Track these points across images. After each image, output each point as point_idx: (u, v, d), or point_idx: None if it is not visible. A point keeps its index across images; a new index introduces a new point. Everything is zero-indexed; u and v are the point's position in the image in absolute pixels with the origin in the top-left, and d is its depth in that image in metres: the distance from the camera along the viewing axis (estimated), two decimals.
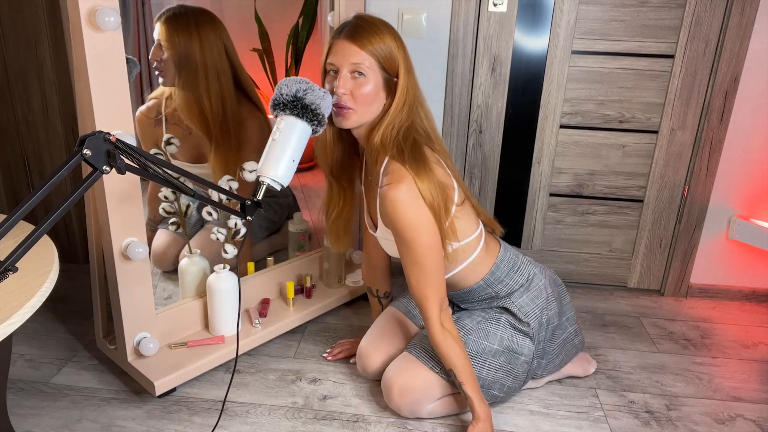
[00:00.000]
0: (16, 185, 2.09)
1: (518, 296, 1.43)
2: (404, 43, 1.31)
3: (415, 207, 1.23)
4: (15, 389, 1.50)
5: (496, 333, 1.41)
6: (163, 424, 1.40)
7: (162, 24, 1.61)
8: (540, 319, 1.43)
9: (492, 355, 1.40)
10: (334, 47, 1.28)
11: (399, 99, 1.29)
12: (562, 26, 1.88)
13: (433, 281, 1.29)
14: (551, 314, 1.46)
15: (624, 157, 2.01)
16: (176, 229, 1.61)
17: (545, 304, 1.45)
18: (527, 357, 1.42)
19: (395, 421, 1.44)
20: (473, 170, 2.08)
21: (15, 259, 0.79)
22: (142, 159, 0.97)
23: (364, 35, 1.26)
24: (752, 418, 1.50)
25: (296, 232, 1.92)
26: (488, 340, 1.40)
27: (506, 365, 1.41)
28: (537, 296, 1.44)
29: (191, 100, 1.64)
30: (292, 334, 1.79)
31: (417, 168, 1.24)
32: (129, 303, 1.41)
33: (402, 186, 1.22)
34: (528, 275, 1.46)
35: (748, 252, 2.04)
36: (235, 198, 1.24)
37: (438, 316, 1.30)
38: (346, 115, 1.27)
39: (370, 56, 1.25)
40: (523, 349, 1.41)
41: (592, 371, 1.64)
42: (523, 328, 1.42)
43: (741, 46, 1.81)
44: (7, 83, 1.94)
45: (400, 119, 1.29)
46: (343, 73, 1.26)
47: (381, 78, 1.27)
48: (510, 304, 1.43)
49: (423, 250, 1.26)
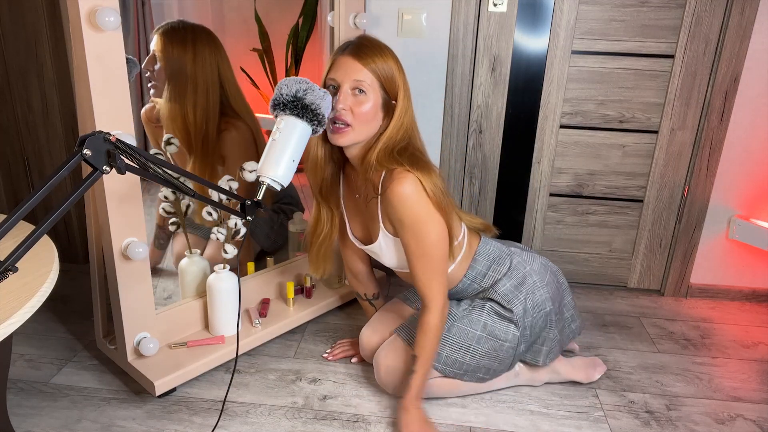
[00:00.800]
0: (16, 185, 2.09)
1: (501, 285, 1.47)
2: (402, 67, 1.33)
3: (423, 200, 1.26)
4: (15, 389, 1.50)
5: (479, 320, 1.44)
6: (163, 424, 1.40)
7: (159, 36, 1.63)
8: (524, 304, 1.45)
9: (476, 341, 1.43)
10: (337, 63, 1.28)
11: (397, 120, 1.30)
12: (562, 26, 1.88)
13: (441, 273, 1.33)
14: (540, 299, 1.47)
15: (624, 157, 2.01)
16: (176, 229, 1.61)
17: (531, 290, 1.47)
18: (512, 343, 1.44)
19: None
20: (473, 170, 2.08)
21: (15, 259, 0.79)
22: (142, 159, 0.97)
23: (368, 54, 1.26)
24: (752, 418, 1.50)
25: (296, 232, 1.92)
26: (472, 326, 1.44)
27: (492, 352, 1.44)
28: (521, 282, 1.47)
29: (176, 111, 1.65)
30: (292, 334, 1.79)
31: (419, 168, 1.26)
32: (129, 303, 1.41)
33: (407, 181, 1.24)
34: (509, 264, 1.49)
35: (748, 252, 2.04)
36: (235, 198, 1.24)
37: (442, 305, 1.35)
38: (342, 133, 1.27)
39: (372, 75, 1.26)
40: (507, 335, 1.44)
41: (596, 378, 1.61)
42: (507, 314, 1.44)
43: (741, 46, 1.81)
44: (7, 83, 1.94)
45: (396, 140, 1.30)
46: (344, 89, 1.26)
47: (380, 98, 1.28)
48: (493, 293, 1.46)
49: (432, 241, 1.29)
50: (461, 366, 1.44)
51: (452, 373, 1.45)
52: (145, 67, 1.65)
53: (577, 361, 1.62)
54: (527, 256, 1.53)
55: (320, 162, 1.40)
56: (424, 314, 1.35)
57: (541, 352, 1.51)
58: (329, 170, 1.43)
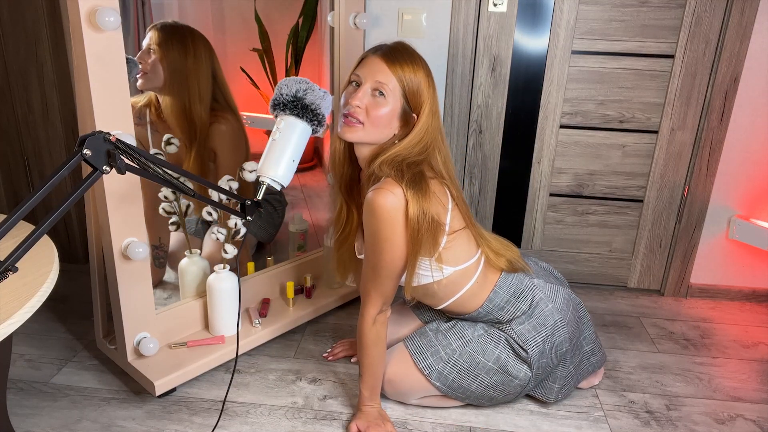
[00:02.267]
0: (16, 185, 2.09)
1: (519, 323, 1.39)
2: (435, 85, 1.29)
3: (394, 220, 1.20)
4: (15, 389, 1.50)
5: (493, 351, 1.38)
6: (163, 424, 1.40)
7: (156, 31, 1.65)
8: (542, 347, 1.37)
9: (485, 372, 1.38)
10: (365, 61, 1.26)
11: (415, 136, 1.25)
12: (562, 26, 1.88)
13: (381, 285, 1.29)
14: (559, 341, 1.40)
15: (624, 157, 2.01)
16: (176, 229, 1.61)
17: (551, 332, 1.39)
18: (522, 381, 1.39)
19: (395, 421, 1.44)
20: (473, 170, 2.08)
21: (15, 259, 0.79)
22: (142, 159, 0.97)
23: (399, 59, 1.24)
24: (752, 418, 1.50)
25: (296, 232, 1.92)
26: (484, 356, 1.38)
27: (499, 385, 1.40)
28: (541, 324, 1.38)
29: (178, 105, 1.68)
30: (292, 334, 1.79)
31: (414, 187, 1.20)
32: (129, 303, 1.41)
33: (389, 195, 1.18)
34: (532, 301, 1.40)
35: (748, 252, 2.04)
36: (235, 198, 1.24)
37: (373, 315, 1.32)
38: (352, 127, 1.24)
39: (396, 81, 1.23)
40: (519, 373, 1.38)
41: (596, 383, 1.60)
42: (522, 354, 1.37)
43: (741, 46, 1.81)
44: (7, 83, 1.94)
45: (410, 154, 1.25)
46: (364, 87, 1.23)
47: (400, 106, 1.25)
48: (510, 330, 1.39)
49: (384, 259, 1.25)
50: (465, 392, 1.40)
51: (455, 396, 1.42)
52: (138, 59, 1.66)
53: None
54: (550, 291, 1.42)
55: (339, 157, 1.37)
56: (359, 319, 1.35)
57: (553, 390, 1.46)
58: (348, 168, 1.39)
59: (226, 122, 1.74)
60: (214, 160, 1.76)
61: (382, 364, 1.39)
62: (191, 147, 1.72)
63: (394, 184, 1.20)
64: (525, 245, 2.16)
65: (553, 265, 2.16)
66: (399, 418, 1.45)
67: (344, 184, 1.41)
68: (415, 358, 1.40)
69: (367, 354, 1.35)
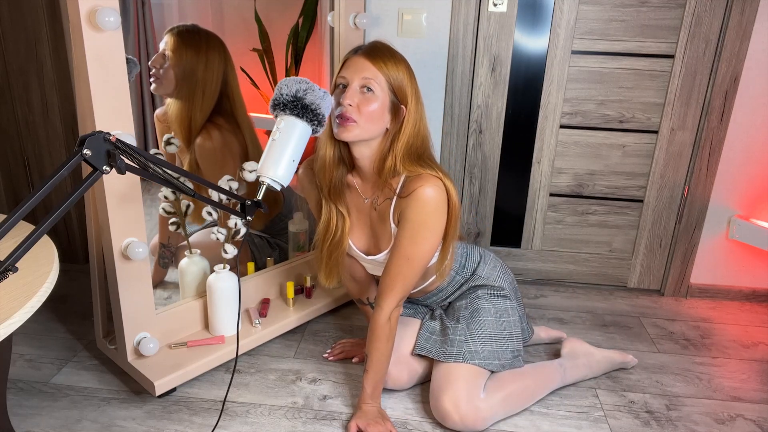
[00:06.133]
0: (16, 185, 2.09)
1: (480, 270, 1.54)
2: (415, 76, 1.34)
3: (441, 210, 1.29)
4: (15, 389, 1.50)
5: (485, 307, 1.49)
6: (163, 424, 1.40)
7: (173, 36, 1.65)
8: (508, 280, 1.56)
9: (493, 328, 1.47)
10: (348, 62, 1.30)
11: (413, 127, 1.31)
12: (562, 26, 1.88)
13: (412, 277, 1.35)
14: (511, 278, 1.59)
15: (624, 157, 2.01)
16: (176, 229, 1.61)
17: (504, 269, 1.58)
18: (513, 316, 1.51)
19: (395, 421, 1.44)
20: (473, 170, 2.08)
21: (15, 259, 0.79)
22: (142, 159, 0.97)
23: (381, 56, 1.28)
24: (752, 418, 1.50)
25: (296, 232, 1.92)
26: (482, 315, 1.47)
27: (508, 329, 1.49)
28: (494, 266, 1.56)
29: (183, 112, 1.69)
30: (292, 334, 1.79)
31: (449, 178, 1.31)
32: (129, 303, 1.41)
33: (437, 187, 1.28)
34: (479, 253, 1.57)
35: (748, 252, 2.04)
36: (235, 198, 1.24)
37: (391, 308, 1.36)
38: (348, 127, 1.27)
39: (382, 76, 1.27)
40: (508, 309, 1.51)
41: (631, 360, 1.67)
42: (499, 291, 1.51)
43: (741, 46, 1.81)
44: (7, 83, 1.94)
45: (417, 146, 1.32)
46: (352, 86, 1.27)
47: (389, 99, 1.29)
48: (478, 279, 1.53)
49: (423, 250, 1.31)
50: (494, 354, 1.44)
51: (492, 365, 1.43)
52: (152, 63, 1.67)
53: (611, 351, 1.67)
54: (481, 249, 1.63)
55: (329, 162, 1.38)
56: (375, 313, 1.37)
57: (526, 330, 1.61)
58: (339, 172, 1.40)
59: (211, 140, 1.72)
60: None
61: (389, 361, 1.42)
62: (189, 152, 1.73)
63: (430, 177, 1.28)
64: (525, 245, 2.16)
65: (553, 265, 2.17)
66: (399, 418, 1.45)
67: (333, 188, 1.42)
68: (441, 358, 1.44)
69: (377, 348, 1.37)
